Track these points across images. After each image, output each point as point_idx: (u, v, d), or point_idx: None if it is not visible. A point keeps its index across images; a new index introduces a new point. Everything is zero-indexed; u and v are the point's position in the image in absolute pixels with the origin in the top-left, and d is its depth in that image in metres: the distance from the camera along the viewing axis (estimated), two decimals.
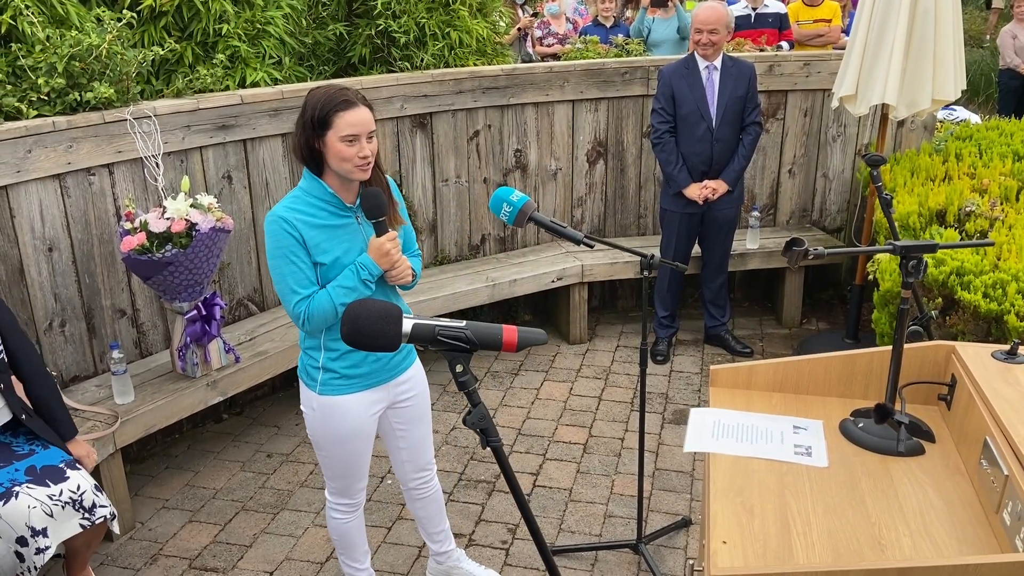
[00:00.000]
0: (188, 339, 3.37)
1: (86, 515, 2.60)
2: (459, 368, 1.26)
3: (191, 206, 3.21)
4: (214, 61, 3.83)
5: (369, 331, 1.23)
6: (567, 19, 7.68)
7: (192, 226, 3.16)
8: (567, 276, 4.68)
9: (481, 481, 3.57)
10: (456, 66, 4.56)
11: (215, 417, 4.08)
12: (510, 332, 1.28)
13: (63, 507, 2.54)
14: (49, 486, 2.54)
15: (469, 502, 3.44)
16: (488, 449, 1.30)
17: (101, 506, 2.64)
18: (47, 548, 2.48)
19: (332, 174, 2.25)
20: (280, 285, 2.28)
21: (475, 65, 4.64)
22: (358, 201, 2.31)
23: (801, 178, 5.13)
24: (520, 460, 3.73)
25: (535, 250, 4.94)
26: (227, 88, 3.88)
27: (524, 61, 6.90)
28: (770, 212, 5.18)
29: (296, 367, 3.30)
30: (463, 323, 1.26)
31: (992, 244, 2.09)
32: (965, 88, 4.29)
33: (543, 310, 5.15)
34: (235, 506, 3.45)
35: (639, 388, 2.93)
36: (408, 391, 2.54)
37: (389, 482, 3.55)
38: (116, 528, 2.76)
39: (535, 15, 7.20)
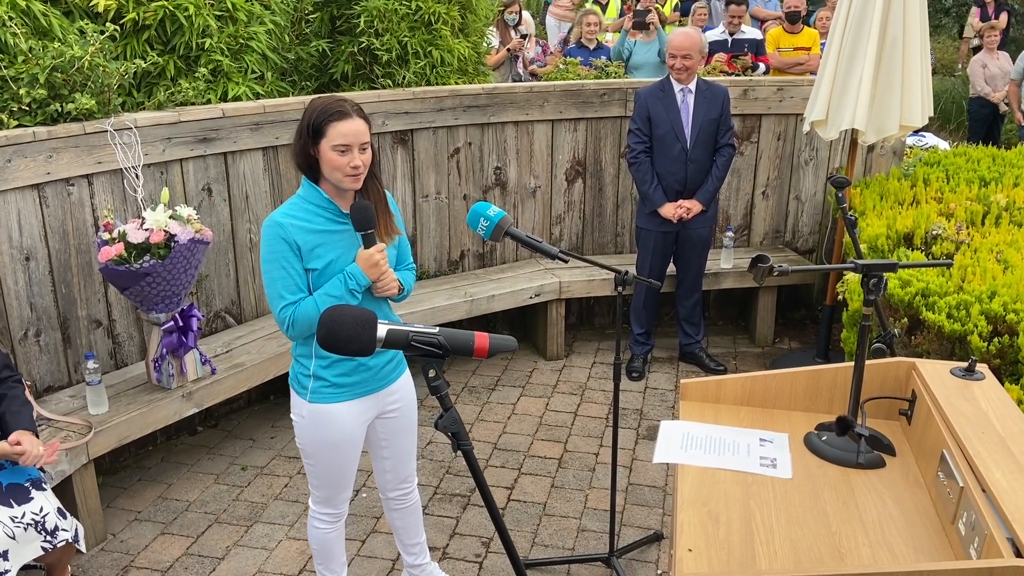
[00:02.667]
0: (164, 350, 3.38)
1: (48, 538, 2.58)
2: (432, 373, 1.30)
3: (170, 217, 3.23)
4: (196, 75, 3.86)
5: (344, 335, 1.27)
6: (538, 43, 7.76)
7: (171, 237, 3.18)
8: (545, 292, 4.73)
9: (456, 495, 3.59)
10: (437, 84, 4.62)
11: (190, 430, 4.07)
12: (482, 339, 1.32)
13: (25, 529, 2.52)
14: (12, 507, 2.52)
15: (444, 516, 3.46)
16: (459, 454, 1.33)
17: (63, 529, 2.62)
18: (6, 572, 2.46)
19: (328, 181, 2.31)
20: (270, 290, 2.32)
21: (456, 84, 4.71)
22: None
23: (774, 200, 5.23)
24: (495, 474, 3.75)
25: (513, 266, 4.99)
26: (209, 102, 3.91)
27: (515, 82, 6.97)
28: (744, 233, 5.27)
29: (283, 377, 3.33)
30: (436, 329, 1.30)
31: (951, 264, 2.17)
32: (934, 115, 4.41)
33: (521, 326, 5.19)
34: (208, 518, 3.44)
35: (613, 403, 2.98)
36: (397, 402, 2.57)
37: (364, 495, 3.56)
38: (83, 547, 2.75)
39: (524, 37, 7.29)
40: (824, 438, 2.08)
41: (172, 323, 3.36)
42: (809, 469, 2.02)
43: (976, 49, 8.91)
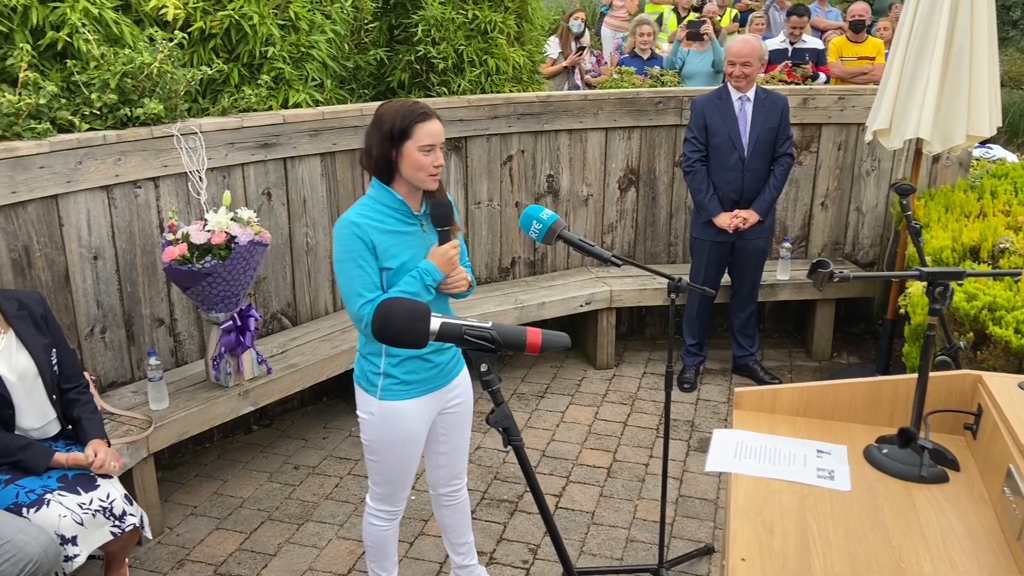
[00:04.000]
0: (223, 349, 3.45)
1: (116, 523, 2.66)
2: (484, 367, 1.30)
3: (231, 219, 3.31)
4: (259, 82, 3.96)
5: (398, 327, 1.28)
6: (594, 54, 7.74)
7: (231, 239, 3.26)
8: (596, 301, 4.71)
9: (504, 500, 3.59)
10: (492, 92, 4.66)
11: (245, 428, 4.15)
12: (534, 334, 1.32)
13: (93, 515, 2.60)
14: (80, 494, 2.61)
15: (492, 521, 3.45)
16: (510, 451, 1.33)
17: (130, 514, 2.70)
18: (76, 556, 2.54)
19: (402, 183, 2.36)
20: (346, 288, 2.35)
21: (511, 92, 4.73)
22: (423, 209, 2.41)
23: (834, 211, 5.12)
24: (544, 482, 3.74)
25: (564, 274, 4.98)
26: (270, 108, 4.00)
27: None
28: (802, 244, 5.17)
29: (336, 378, 3.35)
30: (489, 323, 1.31)
31: (1019, 274, 2.09)
32: (1002, 127, 4.28)
33: (571, 334, 5.14)
34: (261, 515, 3.50)
35: (664, 412, 2.94)
36: (457, 397, 2.61)
37: (413, 498, 3.58)
38: (148, 533, 2.83)
39: (581, 50, 7.28)
40: (885, 451, 2.02)
41: (231, 322, 3.43)
42: (869, 482, 1.96)
43: None
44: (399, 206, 2.36)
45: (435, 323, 1.30)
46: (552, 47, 7.27)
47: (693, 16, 8.34)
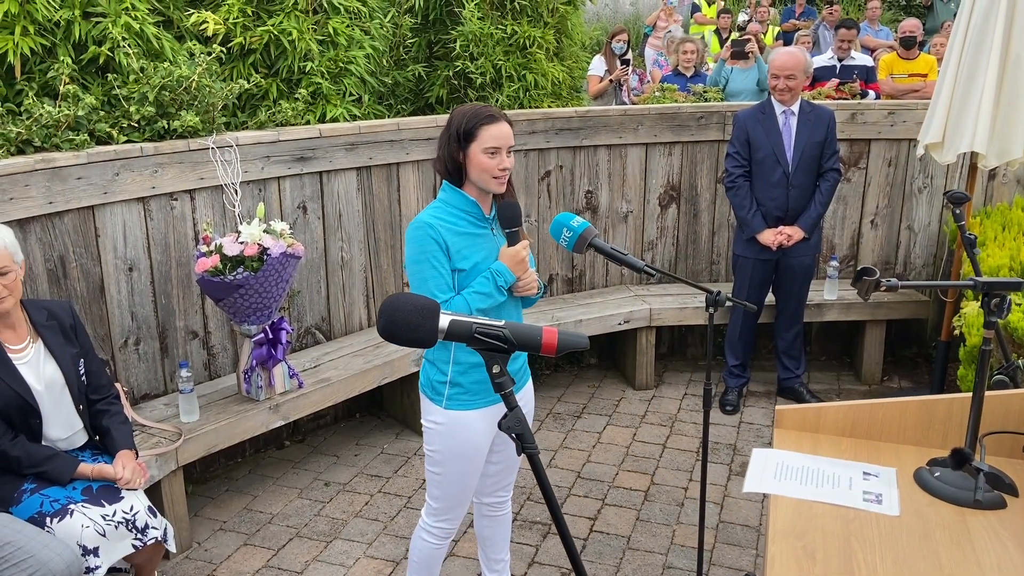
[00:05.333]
0: (254, 361, 3.43)
1: (138, 536, 2.63)
2: (496, 369, 1.22)
3: (264, 231, 3.30)
4: (296, 96, 3.97)
5: (405, 323, 1.21)
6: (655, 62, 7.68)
7: (264, 250, 3.24)
8: (634, 319, 4.60)
9: (536, 523, 3.48)
10: (530, 107, 4.61)
11: (277, 443, 4.12)
12: (550, 334, 1.24)
13: (116, 527, 2.57)
14: (104, 506, 2.58)
15: (523, 543, 3.35)
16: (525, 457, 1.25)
17: (153, 527, 2.67)
18: (97, 568, 2.51)
19: (471, 186, 2.34)
20: (420, 289, 2.33)
21: (549, 107, 4.68)
22: (493, 212, 2.39)
23: (884, 229, 4.94)
24: (578, 504, 3.62)
25: (603, 292, 4.88)
26: (307, 122, 4.01)
27: None
28: (850, 263, 4.99)
29: (368, 395, 3.27)
30: (502, 322, 1.23)
31: None
32: None
33: (609, 354, 5.06)
34: (290, 532, 3.45)
35: (703, 431, 2.82)
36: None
37: None
38: (172, 546, 2.79)
39: (627, 63, 7.24)
40: (937, 474, 1.89)
41: (263, 335, 3.41)
42: (919, 507, 1.83)
43: None
44: (471, 208, 2.34)
45: (444, 321, 1.23)
46: (598, 67, 7.26)
47: (736, 36, 8.24)
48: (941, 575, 1.60)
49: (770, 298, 4.47)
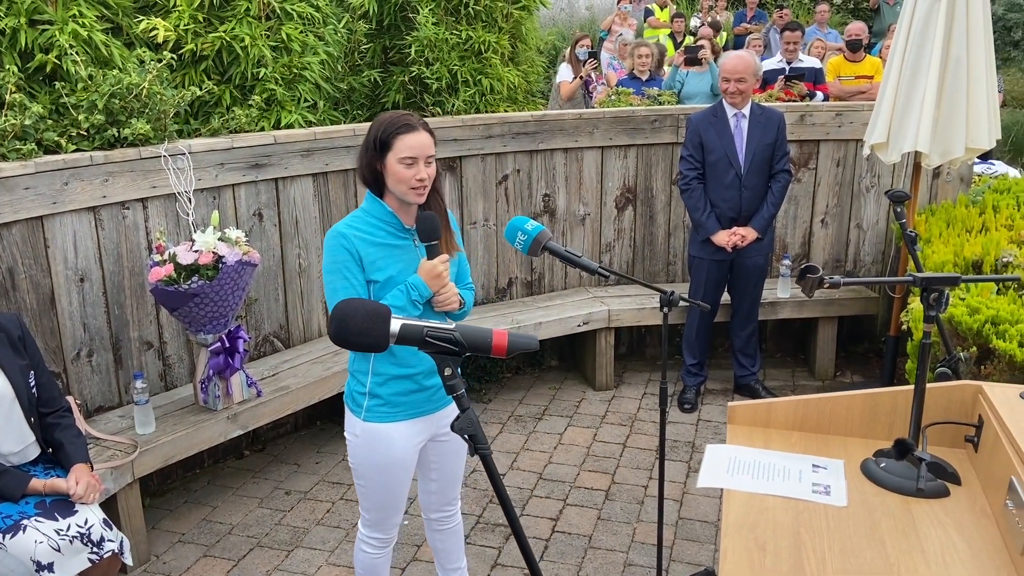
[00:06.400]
0: (211, 371, 3.40)
1: (94, 550, 2.59)
2: (448, 371, 1.24)
3: (219, 239, 3.27)
4: (250, 103, 3.94)
5: (357, 329, 1.22)
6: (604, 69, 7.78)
7: (219, 259, 3.22)
8: (593, 321, 4.64)
9: (499, 525, 3.50)
10: (487, 112, 4.64)
11: (236, 453, 4.08)
12: (500, 336, 1.26)
13: (71, 542, 2.53)
14: (58, 520, 2.54)
15: (486, 545, 3.36)
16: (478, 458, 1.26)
17: (109, 540, 2.63)
18: None
19: (392, 196, 2.31)
20: (331, 299, 2.32)
21: (506, 111, 4.71)
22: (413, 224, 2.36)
23: (834, 228, 5.06)
24: (540, 505, 3.65)
25: (562, 294, 4.92)
26: (262, 129, 3.98)
27: None
28: (802, 262, 5.10)
29: (328, 401, 3.26)
30: (452, 325, 1.25)
31: (1017, 279, 2.03)
32: (1006, 147, 4.23)
33: (569, 355, 5.10)
34: (250, 542, 3.42)
35: (660, 429, 2.87)
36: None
37: (406, 523, 3.50)
38: (129, 559, 2.75)
39: (593, 56, 7.33)
40: (883, 465, 1.94)
41: (219, 344, 3.38)
42: (866, 497, 1.88)
43: None
44: (390, 218, 2.32)
45: (395, 325, 1.24)
46: (565, 73, 7.40)
47: (690, 41, 8.38)
48: (886, 563, 1.65)
49: (726, 297, 4.55)
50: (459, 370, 1.26)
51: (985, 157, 6.48)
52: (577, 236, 4.93)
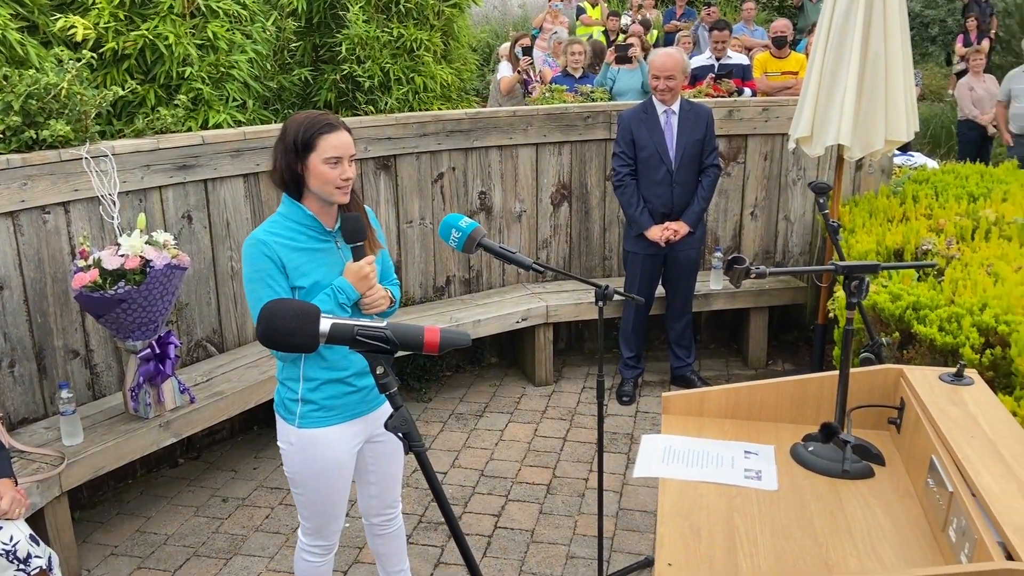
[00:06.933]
0: (141, 378, 3.30)
1: (21, 566, 2.49)
2: (380, 370, 1.23)
3: (146, 243, 3.18)
4: (176, 103, 3.84)
5: (285, 329, 1.21)
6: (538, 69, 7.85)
7: (146, 263, 3.13)
8: (532, 317, 4.67)
9: (441, 523, 3.49)
10: (420, 110, 4.62)
11: (170, 462, 3.98)
12: (432, 333, 1.26)
13: None
14: None
15: (429, 544, 3.36)
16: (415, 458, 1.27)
17: (36, 556, 2.54)
18: None
19: (312, 198, 2.26)
20: (255, 309, 2.25)
21: (439, 109, 4.70)
22: (338, 225, 2.31)
23: (763, 220, 5.20)
24: (482, 502, 3.66)
25: (500, 291, 4.93)
26: (189, 129, 3.89)
27: None
28: (733, 254, 5.21)
29: (266, 405, 3.20)
30: (384, 323, 1.25)
31: (934, 265, 2.12)
32: (924, 139, 4.40)
33: (509, 352, 5.12)
34: (186, 552, 3.34)
35: (598, 423, 2.90)
36: None
37: (347, 525, 3.46)
38: (58, 575, 2.66)
39: (528, 51, 7.40)
40: (811, 448, 2.01)
41: (149, 351, 3.29)
42: (796, 481, 1.95)
43: (961, 74, 8.95)
44: (310, 222, 2.27)
45: (325, 324, 1.23)
46: (505, 70, 7.45)
47: (622, 38, 8.48)
48: (815, 544, 1.71)
49: (661, 291, 4.63)
50: (391, 368, 1.26)
51: (905, 149, 6.73)
52: (514, 233, 4.95)
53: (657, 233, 4.34)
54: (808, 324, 5.20)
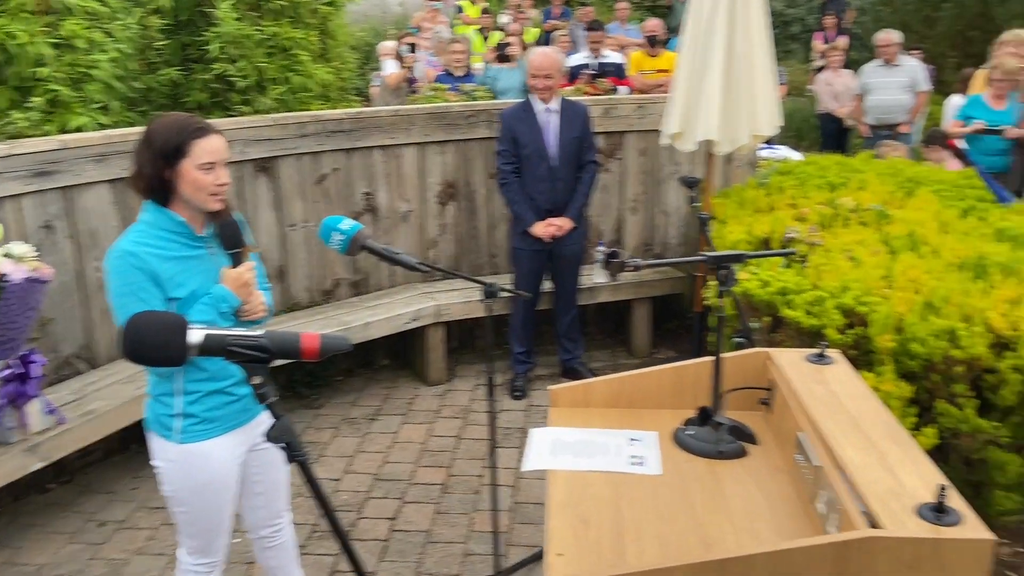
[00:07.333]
0: (3, 400, 3.09)
1: None
2: (257, 380, 1.20)
3: (3, 255, 2.98)
4: (30, 105, 3.61)
5: (152, 343, 1.16)
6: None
7: (2, 277, 2.93)
8: (423, 317, 4.65)
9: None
10: (299, 110, 4.51)
11: (39, 488, 3.73)
12: (310, 339, 1.24)
13: None
14: None
15: (324, 553, 3.29)
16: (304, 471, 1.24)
17: None
18: None
19: (181, 205, 2.16)
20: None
21: (319, 109, 4.61)
22: (208, 231, 2.22)
23: (643, 214, 5.36)
24: (377, 506, 3.62)
25: (389, 292, 4.89)
26: (46, 133, 3.66)
27: None
28: (615, 248, 5.36)
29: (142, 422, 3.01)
30: (260, 332, 1.22)
31: (794, 253, 2.25)
32: (789, 132, 4.65)
33: (402, 353, 5.09)
34: None
35: (489, 420, 2.92)
36: None
37: (238, 540, 3.35)
38: None
39: (412, 48, 7.38)
40: (690, 432, 2.10)
41: (9, 371, 3.08)
42: (678, 464, 2.03)
43: (820, 70, 9.49)
44: (181, 229, 2.17)
45: (195, 335, 1.19)
46: (391, 67, 7.38)
47: (499, 36, 8.57)
48: (697, 524, 1.79)
49: (549, 286, 4.70)
50: (269, 377, 1.23)
51: (770, 142, 7.09)
52: (401, 233, 4.91)
53: (541, 229, 4.40)
54: (687, 313, 5.41)
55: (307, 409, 4.51)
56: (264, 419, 2.39)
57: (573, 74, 6.69)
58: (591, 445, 2.09)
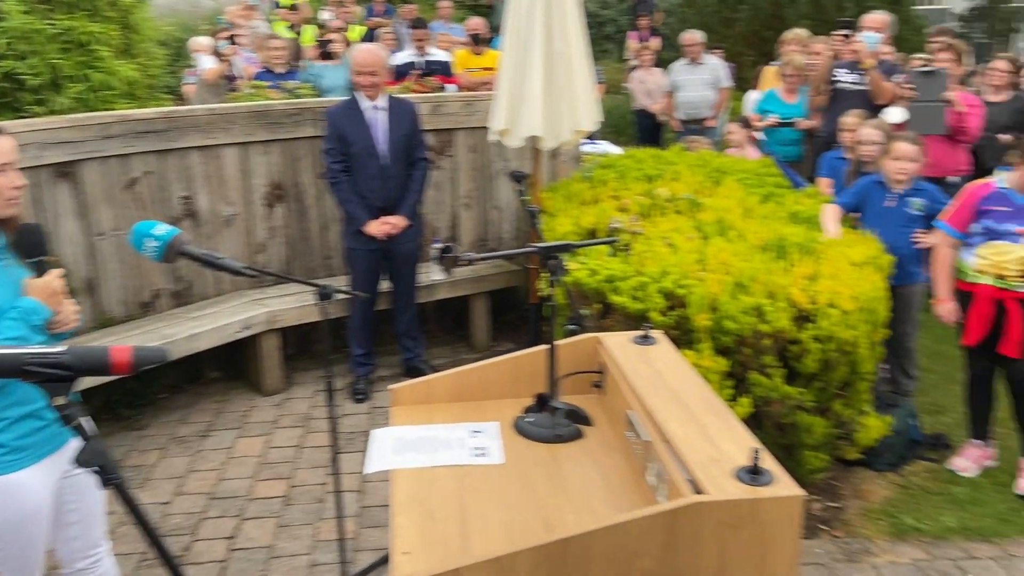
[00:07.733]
0: None
1: None
2: (60, 401, 1.11)
3: None
4: None
5: None
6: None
7: None
8: (254, 325, 4.47)
9: None
10: (102, 110, 4.19)
11: None
12: (120, 352, 1.15)
13: None
14: None
15: None
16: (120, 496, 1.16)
17: None
18: None
19: None
20: None
21: (125, 108, 4.30)
22: (1, 241, 2.03)
23: (476, 210, 5.42)
24: (214, 526, 3.44)
25: (216, 301, 4.65)
26: None
27: None
28: (451, 244, 5.39)
29: None
30: (62, 348, 1.12)
31: (615, 241, 2.36)
32: (609, 128, 4.85)
33: (233, 364, 4.86)
34: None
35: (330, 425, 2.86)
36: None
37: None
38: None
39: (231, 39, 7.04)
40: (530, 419, 2.15)
41: None
42: (519, 451, 2.07)
43: (634, 68, 9.98)
44: None
45: None
46: (206, 62, 7.01)
47: (315, 32, 8.38)
48: (539, 508, 1.83)
49: (386, 285, 4.66)
50: (76, 397, 1.14)
51: (592, 138, 7.39)
52: (226, 238, 4.69)
53: (376, 228, 4.35)
54: (523, 305, 5.53)
55: (129, 431, 4.22)
56: (76, 443, 2.21)
57: (401, 72, 6.66)
58: (433, 441, 2.09)
